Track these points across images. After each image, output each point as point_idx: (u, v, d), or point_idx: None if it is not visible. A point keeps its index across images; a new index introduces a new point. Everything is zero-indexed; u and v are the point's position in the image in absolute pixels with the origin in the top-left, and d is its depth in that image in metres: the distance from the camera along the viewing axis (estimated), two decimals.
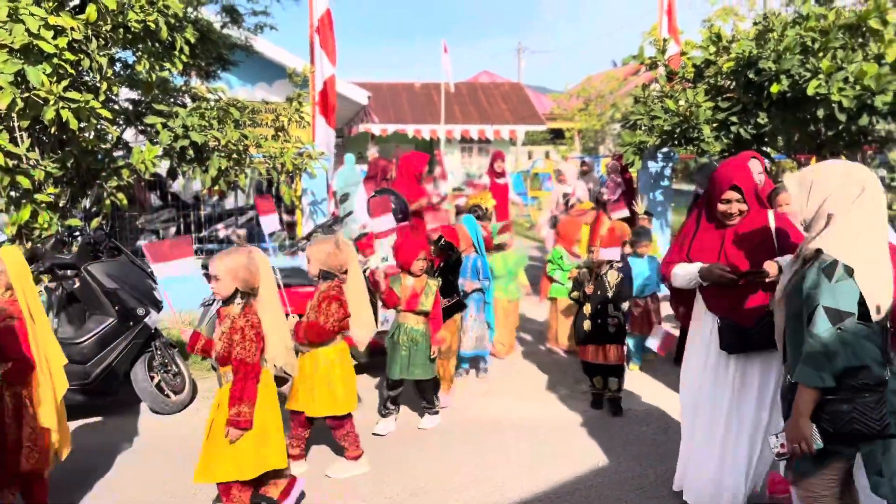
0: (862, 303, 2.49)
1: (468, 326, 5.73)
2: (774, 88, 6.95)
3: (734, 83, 7.77)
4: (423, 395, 4.95)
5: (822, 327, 2.46)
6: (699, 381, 3.61)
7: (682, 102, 7.92)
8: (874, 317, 2.49)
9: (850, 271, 2.49)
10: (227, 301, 3.37)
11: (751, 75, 7.28)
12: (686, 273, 3.55)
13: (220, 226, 8.85)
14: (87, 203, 6.42)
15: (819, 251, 2.61)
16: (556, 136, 31.08)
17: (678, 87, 8.36)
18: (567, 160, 16.96)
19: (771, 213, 3.49)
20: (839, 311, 2.46)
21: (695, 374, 3.64)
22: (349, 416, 4.14)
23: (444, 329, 5.04)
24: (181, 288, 4.61)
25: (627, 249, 6.10)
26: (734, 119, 7.59)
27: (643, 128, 8.36)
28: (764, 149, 8.18)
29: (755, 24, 7.94)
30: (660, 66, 8.72)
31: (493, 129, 23.50)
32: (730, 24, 8.93)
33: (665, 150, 8.70)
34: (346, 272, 4.06)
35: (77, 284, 4.93)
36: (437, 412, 4.98)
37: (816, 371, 2.49)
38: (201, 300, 6.08)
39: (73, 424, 4.97)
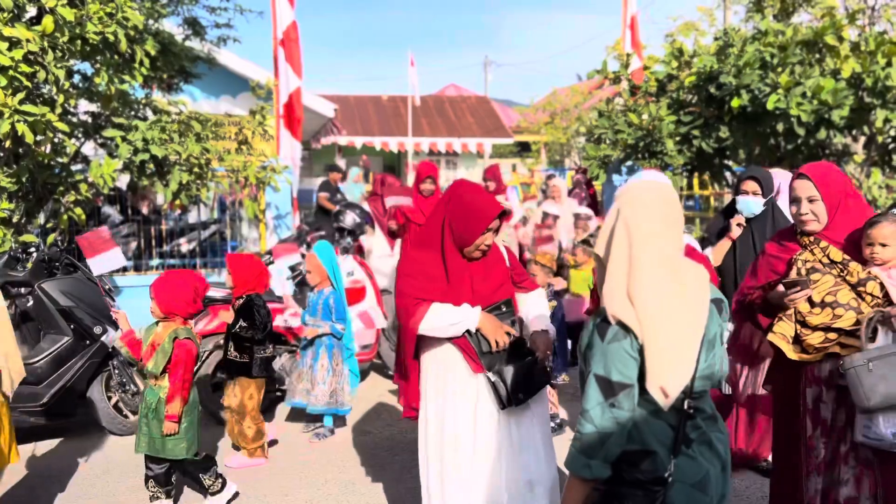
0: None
1: (318, 378, 4.84)
2: (735, 103, 7.06)
3: (696, 97, 7.88)
4: (186, 476, 3.96)
5: (593, 401, 1.89)
6: None
7: (645, 116, 8.00)
8: (660, 401, 1.89)
9: (624, 330, 1.88)
10: None
11: (712, 90, 7.39)
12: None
13: (182, 240, 8.70)
14: (43, 218, 6.24)
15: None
16: (523, 148, 31.28)
17: (641, 102, 8.45)
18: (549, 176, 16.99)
19: None
20: (611, 382, 1.88)
21: None
22: None
23: (238, 387, 4.44)
24: (137, 305, 4.55)
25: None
26: (696, 133, 7.69)
27: (607, 141, 8.42)
28: (726, 162, 8.31)
29: (716, 39, 8.07)
30: (623, 80, 8.81)
31: (460, 141, 23.57)
32: (691, 39, 9.07)
33: (629, 163, 8.79)
34: None
35: (31, 302, 4.79)
36: (218, 491, 3.89)
37: (585, 456, 1.90)
38: None
39: (28, 448, 4.82)
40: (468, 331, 2.87)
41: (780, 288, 2.78)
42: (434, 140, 23.43)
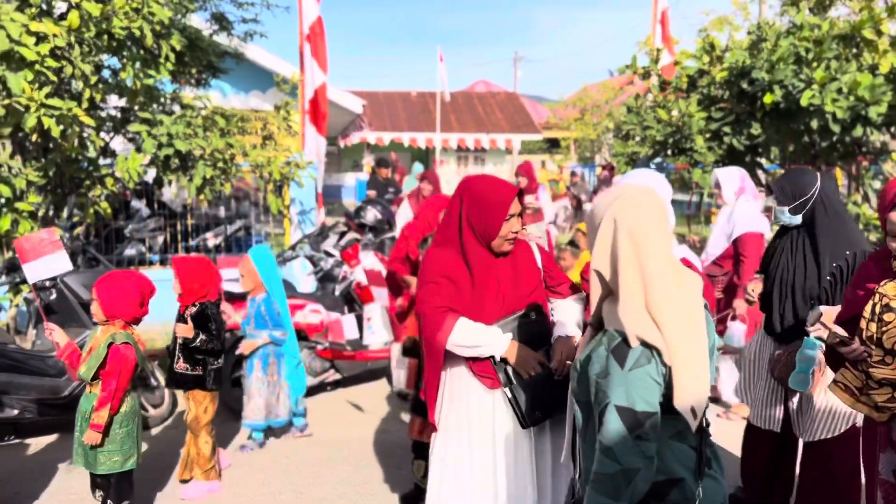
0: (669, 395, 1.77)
1: (252, 390, 4.61)
2: (768, 99, 6.89)
3: (727, 93, 7.71)
4: (100, 490, 3.61)
5: (615, 435, 1.70)
6: None
7: (674, 112, 7.86)
8: (691, 422, 1.76)
9: (649, 352, 1.73)
10: None
11: (744, 85, 7.22)
12: None
13: (208, 234, 8.75)
14: (68, 212, 6.31)
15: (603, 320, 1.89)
16: (552, 145, 31.08)
17: (671, 97, 8.29)
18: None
19: None
20: (635, 413, 1.70)
21: None
22: None
23: (192, 401, 4.09)
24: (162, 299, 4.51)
25: None
26: (727, 129, 7.53)
27: (635, 138, 8.29)
28: (757, 159, 8.12)
29: (749, 33, 7.89)
30: (653, 75, 8.66)
31: (489, 137, 23.46)
32: (725, 33, 8.86)
33: (658, 160, 8.64)
34: None
35: (54, 296, 4.83)
36: None
37: (611, 498, 1.72)
38: None
39: (46, 440, 4.87)
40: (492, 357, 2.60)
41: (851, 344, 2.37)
42: (462, 136, 23.35)
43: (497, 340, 2.58)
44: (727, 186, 5.25)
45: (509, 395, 2.59)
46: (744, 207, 5.13)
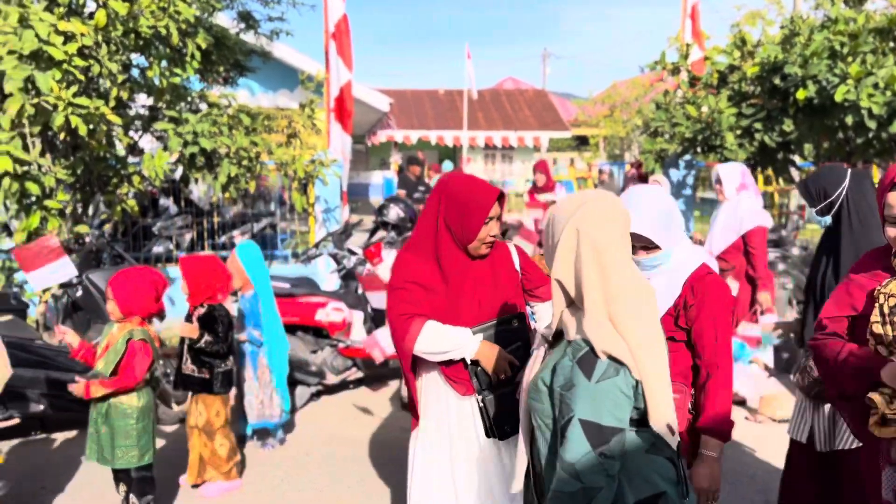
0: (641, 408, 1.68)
1: (245, 390, 4.57)
2: (801, 94, 6.73)
3: (759, 89, 7.56)
4: (122, 483, 3.63)
5: (578, 450, 1.60)
6: None
7: (704, 109, 7.72)
8: (669, 439, 1.69)
9: (616, 365, 1.64)
10: None
11: (776, 81, 7.07)
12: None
13: (235, 232, 8.81)
14: (94, 209, 6.38)
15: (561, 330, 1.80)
16: (581, 142, 30.83)
17: (701, 94, 8.15)
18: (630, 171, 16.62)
19: None
20: (601, 428, 1.60)
21: None
22: None
23: (201, 404, 4.04)
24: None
25: None
26: (759, 126, 7.37)
27: (664, 135, 8.16)
28: (790, 156, 7.94)
29: (781, 28, 7.72)
30: (682, 71, 8.52)
31: (516, 135, 23.35)
32: (758, 28, 8.68)
33: (687, 157, 8.50)
34: None
35: (80, 292, 4.88)
36: None
37: None
38: None
39: (71, 435, 4.92)
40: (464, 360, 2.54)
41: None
42: (490, 134, 23.28)
43: (466, 342, 2.51)
44: (728, 182, 5.26)
45: (480, 405, 2.53)
46: (748, 203, 5.18)
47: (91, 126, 5.38)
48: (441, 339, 2.51)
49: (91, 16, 5.77)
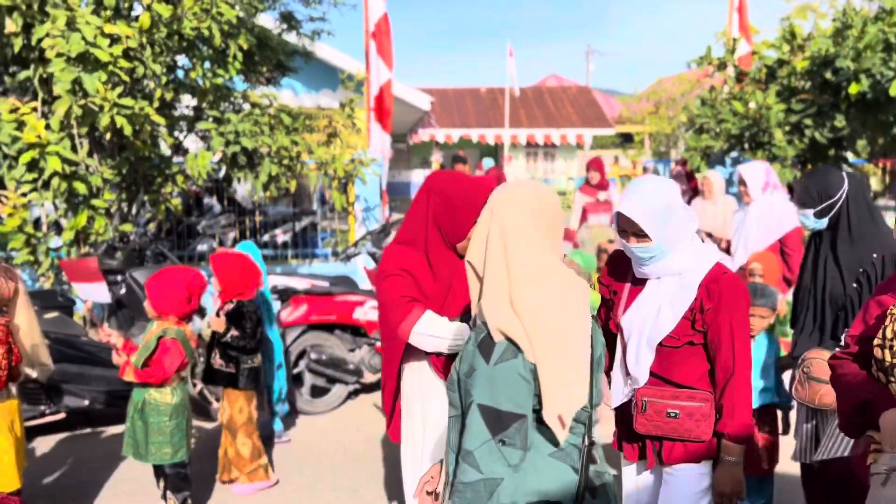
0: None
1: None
2: (853, 89, 6.51)
3: (809, 84, 7.33)
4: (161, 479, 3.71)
5: (477, 438, 1.54)
6: None
7: (751, 105, 7.51)
8: (557, 432, 1.58)
9: (514, 347, 1.57)
10: None
11: (827, 75, 6.85)
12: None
13: (277, 231, 8.91)
14: (137, 209, 6.50)
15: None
16: (625, 140, 30.43)
17: (748, 89, 7.94)
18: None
19: None
20: (499, 413, 1.54)
21: None
22: (17, 493, 3.10)
23: (226, 400, 4.08)
24: None
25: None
26: (809, 122, 7.15)
27: (710, 132, 7.98)
28: (842, 153, 7.69)
29: (833, 20, 7.47)
30: (729, 66, 8.31)
31: (559, 132, 23.13)
32: (809, 21, 8.42)
33: (733, 154, 8.29)
34: (9, 305, 3.06)
35: (123, 290, 4.98)
36: None
37: None
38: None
39: (115, 430, 5.02)
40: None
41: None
42: (532, 131, 23.12)
43: (462, 336, 2.43)
44: (753, 183, 5.14)
45: None
46: (784, 204, 5.10)
47: (136, 126, 5.48)
48: (438, 326, 2.44)
49: (136, 18, 5.88)
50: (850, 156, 8.04)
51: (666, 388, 2.34)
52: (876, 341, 1.87)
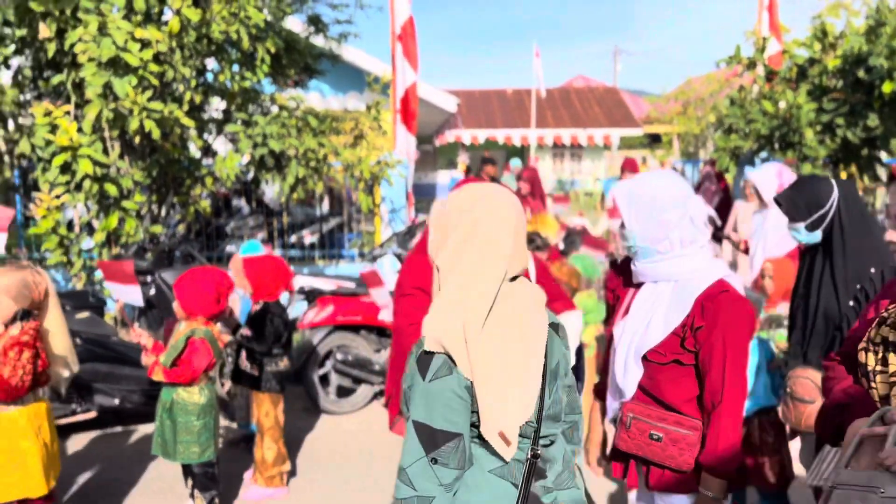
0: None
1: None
2: (887, 87, 6.39)
3: (841, 82, 7.20)
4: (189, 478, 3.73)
5: (412, 456, 1.48)
6: None
7: (781, 104, 7.41)
8: (501, 450, 1.52)
9: (451, 362, 1.50)
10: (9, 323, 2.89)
11: (860, 73, 6.72)
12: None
13: (305, 232, 8.98)
14: (167, 210, 6.60)
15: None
16: (653, 140, 30.14)
17: (778, 88, 7.82)
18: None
19: None
20: (433, 431, 1.48)
21: None
22: (47, 498, 3.09)
23: (254, 402, 4.15)
24: None
25: None
26: (840, 121, 7.03)
27: (739, 132, 7.88)
28: (875, 153, 7.55)
29: (867, 18, 7.34)
30: (758, 65, 8.19)
31: (586, 133, 22.98)
32: (841, 19, 8.27)
33: (763, 155, 8.18)
34: (41, 308, 3.05)
35: (153, 291, 5.05)
36: None
37: None
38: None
39: (142, 429, 5.09)
40: None
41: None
42: (558, 132, 23.01)
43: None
44: (765, 188, 4.94)
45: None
46: None
47: (165, 129, 5.57)
48: None
49: (166, 23, 5.97)
50: (883, 155, 7.87)
51: (654, 408, 2.18)
52: (861, 344, 1.72)
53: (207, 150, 7.03)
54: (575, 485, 1.70)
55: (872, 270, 2.66)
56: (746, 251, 5.34)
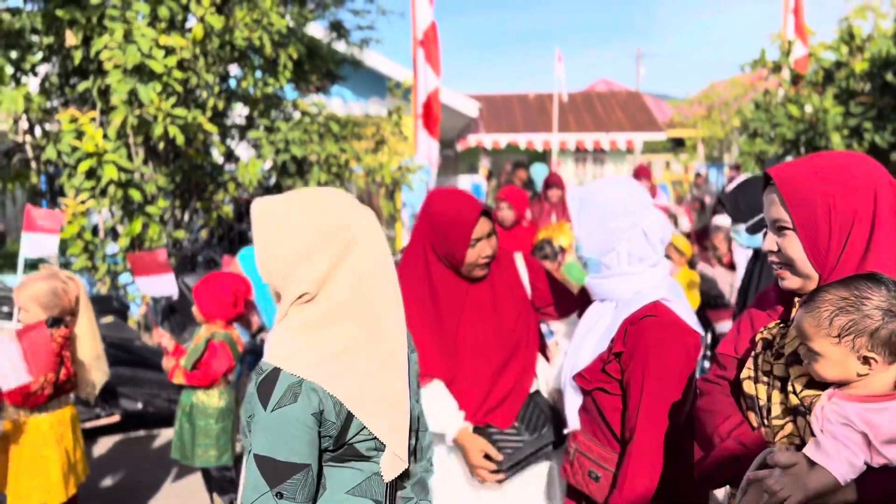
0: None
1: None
2: None
3: (868, 86, 7.09)
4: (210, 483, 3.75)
5: (253, 491, 1.35)
6: None
7: (807, 108, 7.31)
8: (392, 468, 1.46)
9: (298, 387, 1.36)
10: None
11: (888, 77, 6.62)
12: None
13: None
14: (190, 215, 6.66)
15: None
16: (677, 144, 29.92)
17: (804, 92, 7.72)
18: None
19: None
20: (276, 464, 1.35)
21: None
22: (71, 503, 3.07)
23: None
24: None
25: None
26: (868, 125, 6.92)
27: (764, 136, 7.79)
28: None
29: (895, 20, 7.23)
30: (784, 69, 8.10)
31: (608, 138, 22.87)
32: (869, 21, 8.15)
33: (788, 159, 8.07)
34: (73, 314, 3.04)
35: (176, 295, 5.08)
36: None
37: None
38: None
39: (165, 433, 5.13)
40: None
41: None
42: (580, 137, 22.92)
43: (449, 423, 2.23)
44: None
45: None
46: None
47: (189, 135, 5.62)
48: (430, 404, 2.17)
49: (189, 30, 6.03)
50: None
51: (597, 442, 2.00)
52: (745, 372, 1.48)
53: (230, 156, 7.09)
54: (428, 499, 1.64)
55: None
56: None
